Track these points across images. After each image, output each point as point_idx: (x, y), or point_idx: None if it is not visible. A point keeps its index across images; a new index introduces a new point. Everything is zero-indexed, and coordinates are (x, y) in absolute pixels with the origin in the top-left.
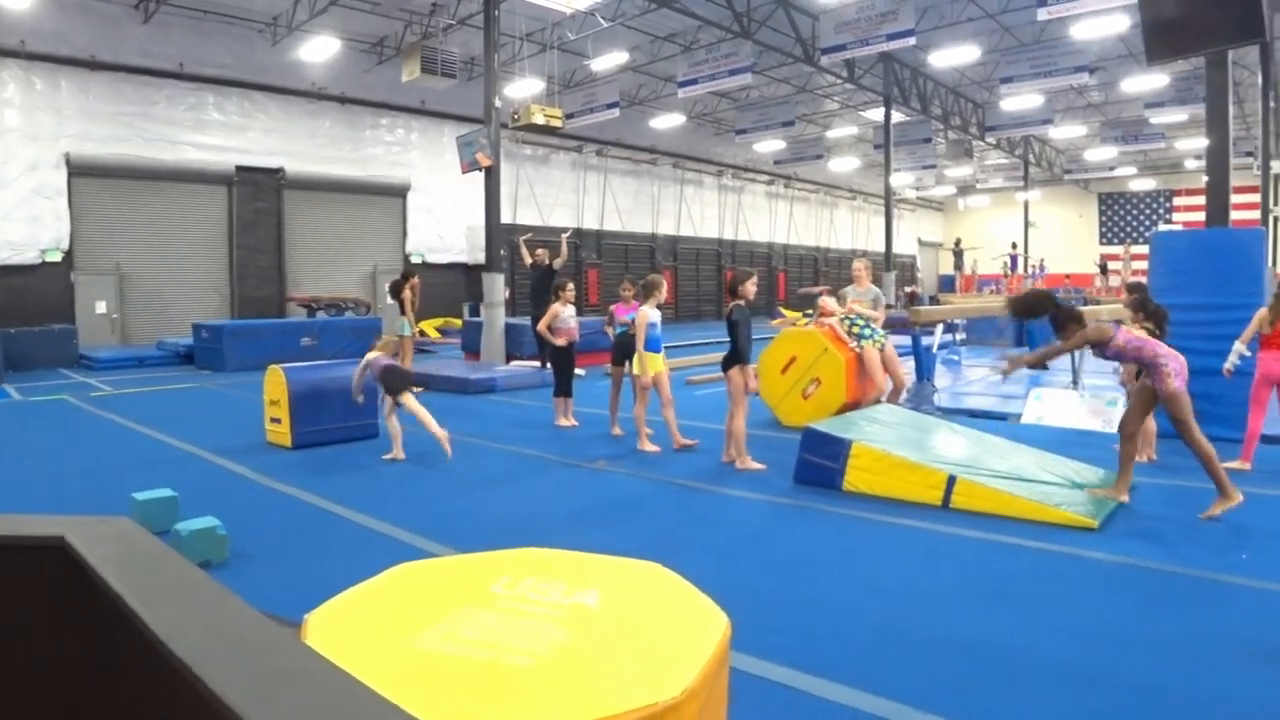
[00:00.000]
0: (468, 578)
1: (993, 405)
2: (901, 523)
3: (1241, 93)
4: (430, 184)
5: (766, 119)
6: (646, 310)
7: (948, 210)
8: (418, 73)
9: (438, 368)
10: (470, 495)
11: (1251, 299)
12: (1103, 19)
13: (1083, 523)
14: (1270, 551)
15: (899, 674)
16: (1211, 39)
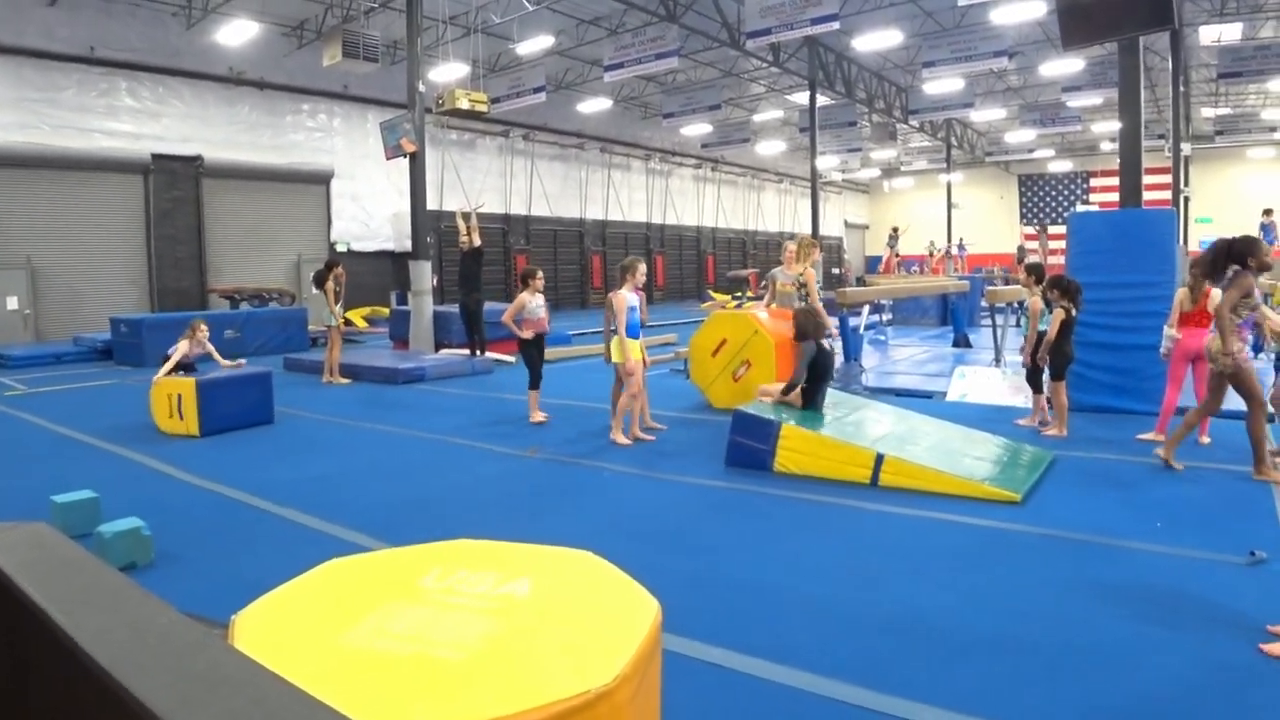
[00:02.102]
0: (397, 572)
1: (919, 384)
2: (831, 501)
3: (1154, 77)
4: (354, 171)
5: (693, 103)
6: (624, 294)
7: (873, 192)
8: (339, 57)
9: (365, 358)
10: (401, 487)
11: (1163, 277)
12: (1021, 4)
13: (1006, 497)
14: (1182, 519)
15: (829, 649)
16: (1123, 26)
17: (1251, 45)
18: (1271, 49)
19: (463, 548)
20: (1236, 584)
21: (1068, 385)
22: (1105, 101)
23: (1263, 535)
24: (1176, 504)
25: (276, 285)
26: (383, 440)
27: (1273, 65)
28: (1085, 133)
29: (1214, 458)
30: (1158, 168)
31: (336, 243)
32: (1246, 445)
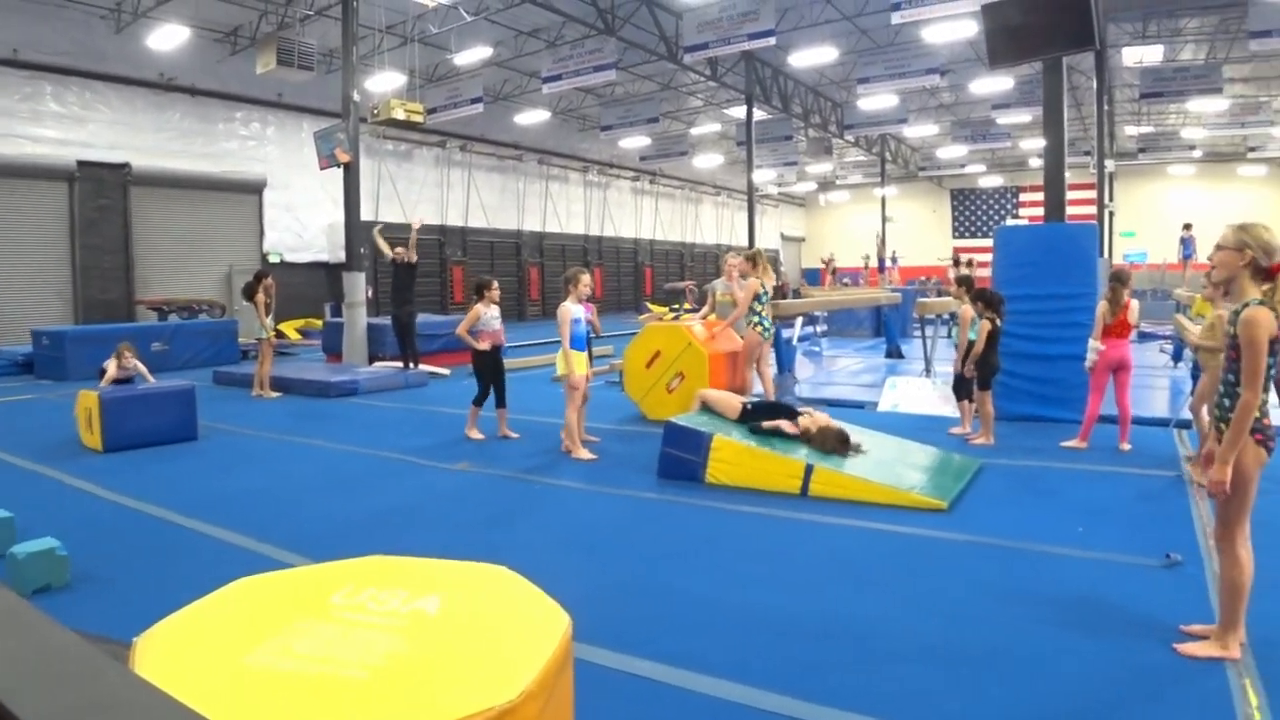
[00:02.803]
0: (307, 590)
1: (852, 395)
2: (762, 512)
3: (1080, 96)
4: (288, 180)
5: (631, 115)
6: (567, 305)
7: (809, 205)
8: (273, 64)
9: (297, 370)
10: (327, 502)
11: (1086, 289)
12: (952, 24)
13: (933, 504)
14: (1102, 524)
15: (757, 659)
16: (1048, 46)
17: (1171, 67)
18: (1190, 71)
19: (374, 565)
20: (1154, 586)
21: (994, 394)
22: (1033, 119)
23: (1178, 538)
24: (1097, 509)
25: (207, 297)
26: (315, 455)
27: (1192, 86)
28: (1015, 149)
29: (1133, 463)
30: (1083, 183)
31: (269, 253)
32: (1165, 451)
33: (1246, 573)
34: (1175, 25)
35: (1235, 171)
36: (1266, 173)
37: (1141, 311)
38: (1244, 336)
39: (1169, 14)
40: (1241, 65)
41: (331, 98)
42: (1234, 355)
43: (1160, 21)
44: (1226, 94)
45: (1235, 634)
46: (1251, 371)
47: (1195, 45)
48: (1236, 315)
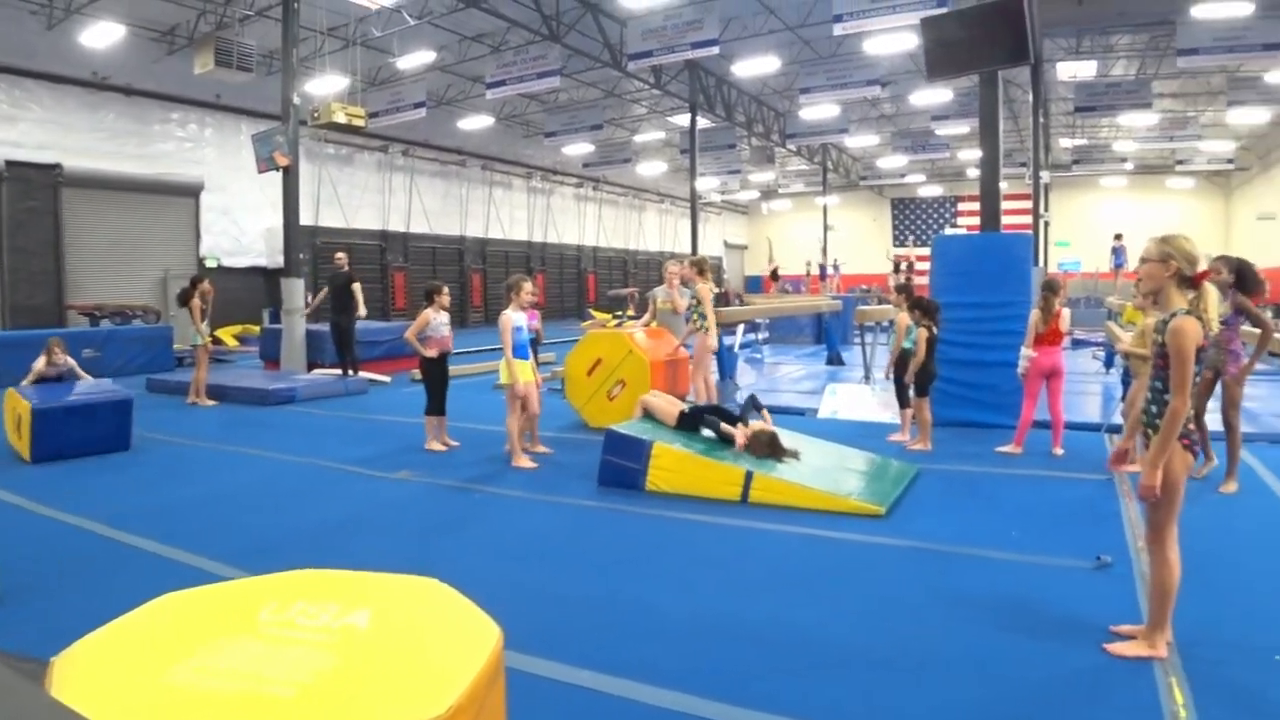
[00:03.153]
0: (234, 605)
1: (792, 401)
2: (703, 519)
3: (1016, 109)
4: (226, 183)
5: (575, 122)
6: (509, 313)
7: (752, 213)
8: (211, 65)
9: (234, 378)
10: (265, 513)
11: (1020, 297)
12: (893, 36)
13: (871, 510)
14: (1036, 527)
15: (696, 666)
16: (984, 60)
17: (1104, 82)
18: (1122, 86)
19: (304, 579)
20: (1085, 587)
21: (931, 401)
22: (971, 130)
23: (1109, 540)
24: (1031, 513)
25: (141, 302)
26: (252, 465)
27: (1123, 101)
28: (953, 159)
29: (1066, 467)
30: (1020, 194)
31: (206, 258)
32: (1097, 455)
33: (1175, 575)
34: (1107, 42)
35: (1164, 184)
36: (1194, 185)
37: (1073, 319)
38: (1172, 346)
39: (1102, 31)
40: (1170, 81)
41: (271, 100)
42: (1161, 363)
43: (1093, 38)
44: (1156, 109)
45: (1163, 634)
46: (1179, 380)
47: (1126, 61)
48: (1164, 324)
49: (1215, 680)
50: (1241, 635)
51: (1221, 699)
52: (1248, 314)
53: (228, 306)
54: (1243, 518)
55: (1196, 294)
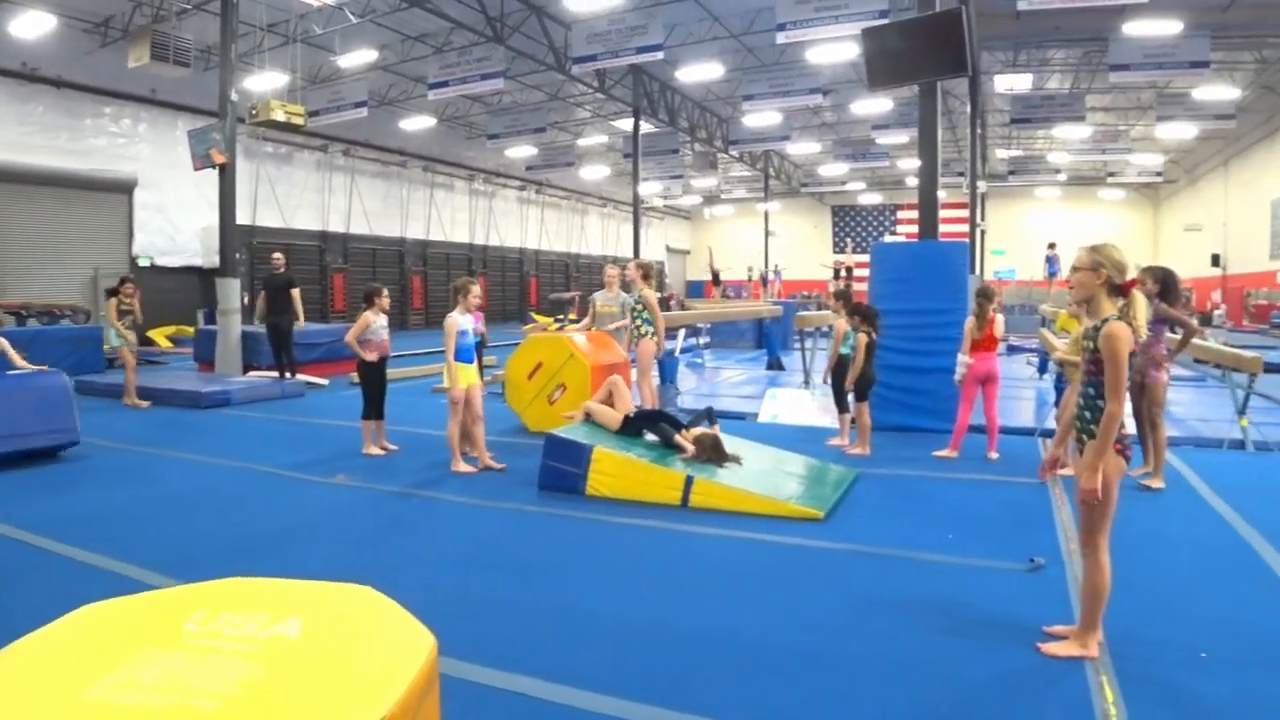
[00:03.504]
0: (159, 616)
1: (733, 406)
2: (643, 524)
3: (955, 120)
4: (161, 180)
5: (519, 125)
6: (455, 316)
7: (695, 219)
8: (147, 59)
9: (167, 380)
10: (197, 519)
11: (957, 304)
12: (835, 46)
13: (810, 514)
14: (971, 530)
15: (636, 671)
16: (923, 71)
17: (1039, 95)
18: (1056, 99)
19: (232, 587)
20: (1019, 589)
21: (870, 406)
22: (911, 140)
23: (1042, 542)
24: (967, 516)
25: (69, 301)
26: (184, 470)
27: (1057, 114)
28: (893, 168)
29: (1001, 471)
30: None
31: (139, 256)
32: (1031, 459)
33: (1107, 577)
34: (1043, 56)
35: (1096, 195)
36: (1124, 196)
37: (1008, 326)
38: (1107, 351)
39: (1037, 45)
40: (1102, 96)
41: (209, 96)
42: (1093, 369)
43: (1030, 52)
44: (1089, 122)
45: (1094, 634)
46: (1114, 384)
47: (1061, 75)
48: (1095, 331)
49: (1144, 678)
50: (1168, 634)
51: (1150, 696)
52: (1172, 319)
53: (161, 307)
54: (1169, 519)
55: (1126, 301)
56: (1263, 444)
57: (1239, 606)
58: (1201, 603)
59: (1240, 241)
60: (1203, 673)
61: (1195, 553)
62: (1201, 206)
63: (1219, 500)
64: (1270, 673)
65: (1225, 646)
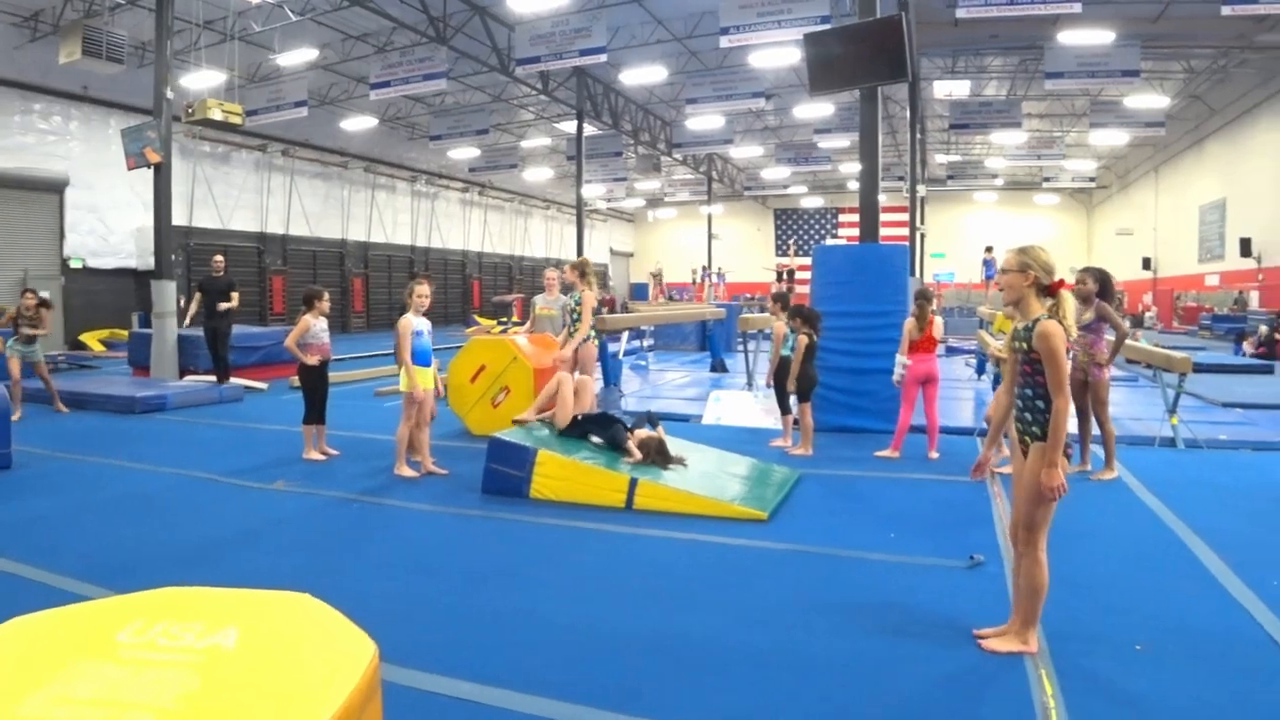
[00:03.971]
0: (91, 627)
1: (677, 408)
2: (587, 526)
3: (895, 125)
4: (93, 180)
5: (461, 126)
6: (408, 318)
7: (638, 221)
8: (78, 54)
9: (100, 385)
10: (128, 527)
11: (897, 306)
12: (777, 50)
13: (754, 515)
14: (912, 529)
15: (583, 675)
16: (864, 76)
17: (977, 101)
18: (994, 105)
19: (168, 597)
20: (960, 586)
21: (813, 407)
22: (852, 144)
23: (981, 540)
24: (908, 515)
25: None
26: (117, 477)
27: (995, 120)
28: (835, 172)
29: (941, 470)
30: (897, 206)
31: (70, 258)
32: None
33: (1045, 574)
34: (981, 63)
35: (1032, 199)
36: (1058, 201)
37: (946, 328)
38: (1045, 349)
39: (975, 53)
40: (1038, 103)
41: (143, 93)
42: (1028, 370)
43: (968, 59)
44: (1025, 128)
45: (1033, 630)
46: (1057, 380)
47: (998, 82)
48: (1028, 331)
49: (1082, 671)
50: (1105, 628)
51: (1088, 689)
52: (1110, 320)
53: (94, 310)
54: (1103, 515)
55: (1055, 301)
56: (1192, 441)
57: (1171, 601)
58: (1136, 597)
59: (1170, 245)
60: (1138, 666)
61: (1130, 548)
62: (1133, 211)
63: (1151, 496)
64: (1201, 665)
65: (1159, 640)
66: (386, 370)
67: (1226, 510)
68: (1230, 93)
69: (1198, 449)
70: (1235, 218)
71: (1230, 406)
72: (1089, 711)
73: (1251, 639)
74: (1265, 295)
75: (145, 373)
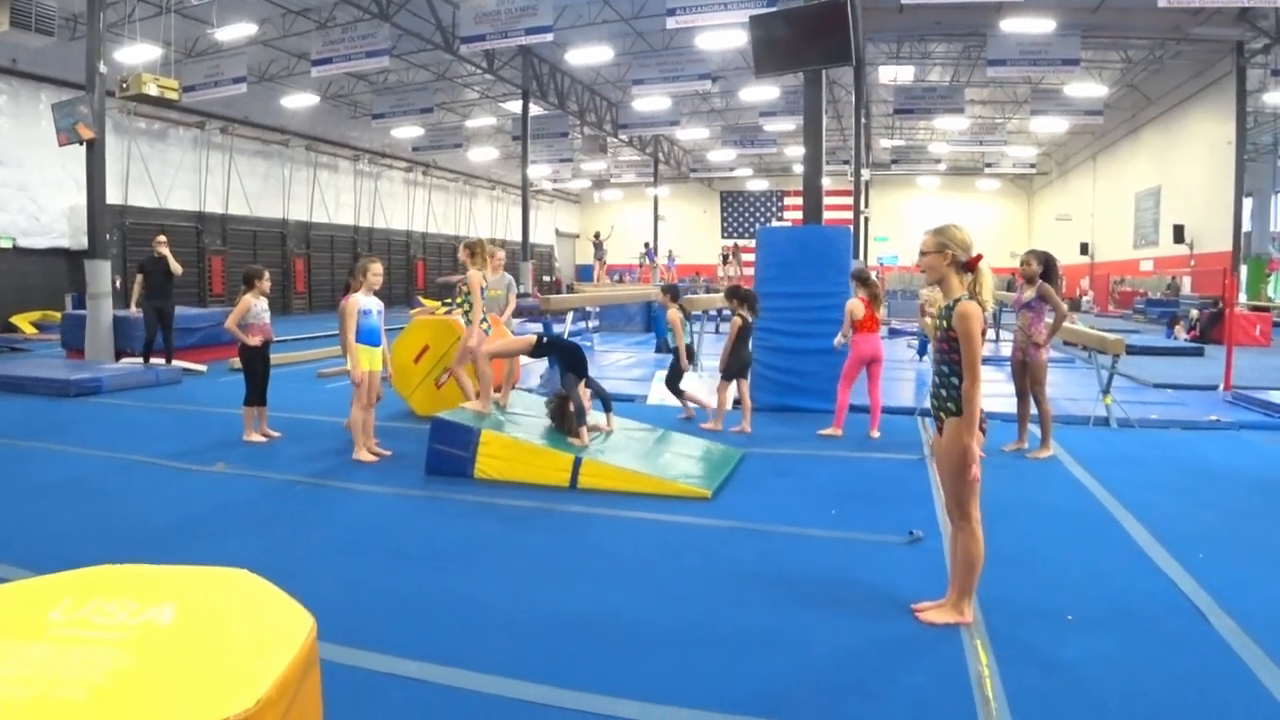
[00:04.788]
0: (21, 606)
1: (622, 389)
2: (531, 505)
3: (840, 109)
4: (23, 157)
5: (405, 104)
6: (356, 297)
7: (584, 202)
8: (6, 25)
9: (32, 368)
10: (62, 513)
11: (839, 287)
12: (723, 33)
13: (697, 493)
14: (853, 505)
15: (524, 651)
16: (809, 59)
17: (921, 87)
18: (937, 91)
19: (102, 575)
20: (899, 561)
21: (753, 386)
22: (798, 127)
23: (921, 516)
24: (849, 492)
25: None
26: (51, 460)
27: (938, 105)
28: (780, 155)
29: (882, 448)
30: (842, 190)
31: (0, 237)
32: (910, 437)
33: (980, 546)
34: (925, 49)
35: (974, 184)
36: (999, 187)
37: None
38: (961, 330)
39: (920, 38)
40: (980, 90)
41: (75, 67)
42: (945, 347)
43: (913, 45)
44: (967, 114)
45: (969, 601)
46: (970, 359)
47: (942, 69)
48: (950, 310)
49: (1014, 641)
50: (1036, 600)
51: (1021, 658)
52: (1050, 301)
53: (26, 291)
54: (1038, 490)
55: (974, 277)
56: (1125, 421)
57: (1101, 571)
58: (1069, 570)
59: (1107, 231)
60: (1070, 636)
61: (1063, 523)
62: (1071, 197)
63: (1085, 473)
64: (1128, 633)
65: (1088, 609)
66: (329, 351)
67: (1156, 487)
68: (1166, 83)
69: (1130, 428)
70: (1169, 205)
71: (1161, 387)
72: (1021, 679)
73: (1176, 608)
74: (1197, 280)
75: (80, 355)
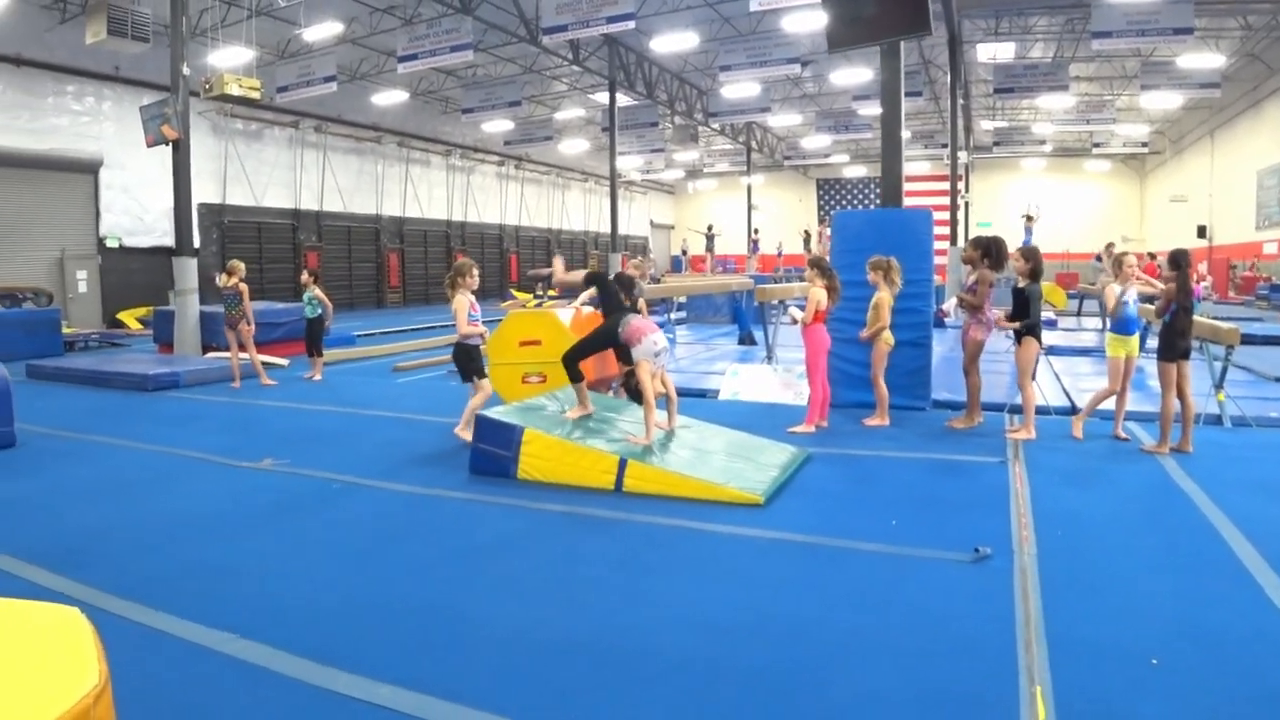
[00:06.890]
0: None
1: (695, 383)
2: (563, 510)
3: (938, 90)
4: (127, 159)
5: (493, 98)
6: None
7: (678, 193)
8: (104, 34)
9: (120, 363)
10: (93, 509)
11: (920, 274)
12: (810, 14)
13: (749, 499)
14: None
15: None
16: (884, 31)
17: (1022, 64)
18: (1039, 68)
19: None
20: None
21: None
22: None
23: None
24: (917, 498)
25: (31, 284)
26: (105, 456)
27: (1041, 83)
28: (877, 140)
29: (964, 448)
30: (941, 174)
31: (106, 237)
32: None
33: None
34: (1025, 24)
35: (1082, 166)
36: (1109, 168)
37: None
38: None
39: (1019, 13)
40: (1086, 65)
41: None
42: None
43: (1011, 20)
44: (1073, 92)
45: None
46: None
47: (1044, 44)
48: None
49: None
50: (1114, 636)
51: (1089, 713)
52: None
53: (131, 288)
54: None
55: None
56: (1240, 419)
57: (1197, 600)
58: (1155, 595)
59: (1226, 212)
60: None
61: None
62: (1187, 177)
63: (1185, 477)
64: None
65: (1178, 650)
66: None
67: (1272, 495)
68: None
69: (1246, 427)
70: None
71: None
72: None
73: None
74: None
75: (170, 350)
